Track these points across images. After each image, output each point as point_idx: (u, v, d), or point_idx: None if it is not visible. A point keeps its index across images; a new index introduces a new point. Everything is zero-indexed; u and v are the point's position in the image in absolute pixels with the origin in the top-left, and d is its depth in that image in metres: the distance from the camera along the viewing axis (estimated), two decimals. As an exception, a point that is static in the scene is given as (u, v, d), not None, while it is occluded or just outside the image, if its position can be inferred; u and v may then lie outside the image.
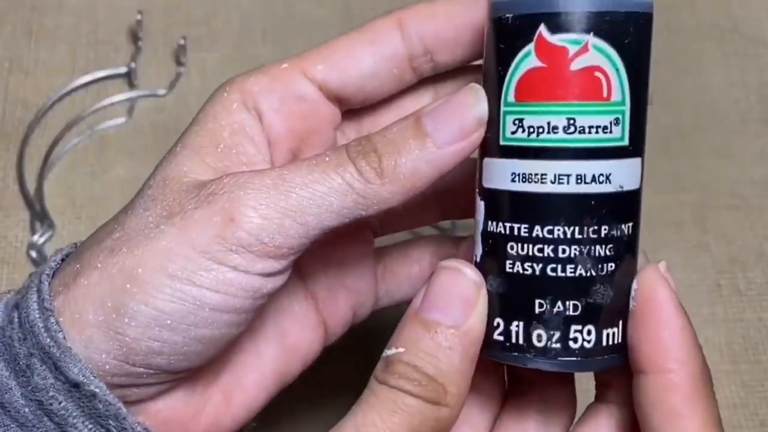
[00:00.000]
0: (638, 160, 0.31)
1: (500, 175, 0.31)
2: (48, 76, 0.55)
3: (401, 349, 0.30)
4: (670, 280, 0.32)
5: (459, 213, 0.39)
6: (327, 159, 0.31)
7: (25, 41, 0.57)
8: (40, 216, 0.51)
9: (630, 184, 0.31)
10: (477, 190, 0.32)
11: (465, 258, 0.32)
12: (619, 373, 0.32)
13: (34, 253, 0.49)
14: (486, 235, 0.32)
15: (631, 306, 0.31)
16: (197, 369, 0.32)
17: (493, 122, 0.31)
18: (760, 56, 0.58)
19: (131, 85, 0.55)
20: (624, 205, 0.31)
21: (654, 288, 0.31)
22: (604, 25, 0.30)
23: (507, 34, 0.31)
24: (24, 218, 0.51)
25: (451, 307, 0.30)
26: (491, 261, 0.31)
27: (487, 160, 0.31)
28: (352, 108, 0.35)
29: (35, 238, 0.50)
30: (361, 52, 0.33)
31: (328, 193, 0.30)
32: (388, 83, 0.34)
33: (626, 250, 0.31)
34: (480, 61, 0.33)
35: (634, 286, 0.31)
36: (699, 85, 0.57)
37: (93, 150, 0.53)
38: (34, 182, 0.52)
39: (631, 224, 0.31)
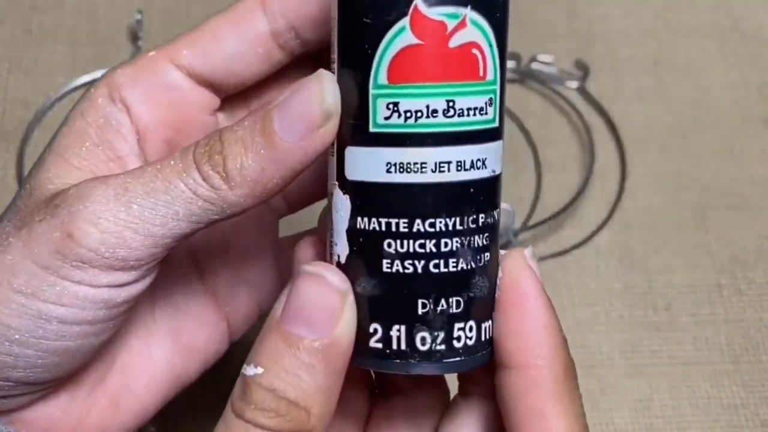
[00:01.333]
0: (502, 142, 0.29)
1: (371, 165, 0.28)
2: (48, 76, 0.55)
3: (260, 370, 0.28)
4: (535, 268, 0.30)
5: None
6: (172, 163, 0.29)
7: (24, 41, 0.57)
8: (39, 216, 0.50)
9: (499, 168, 0.29)
10: (335, 183, 0.29)
11: (319, 257, 0.30)
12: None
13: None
14: (354, 233, 0.29)
15: (496, 295, 0.29)
16: (70, 377, 0.31)
17: (358, 108, 0.28)
18: (760, 56, 0.58)
19: (131, 85, 0.55)
20: (495, 190, 0.29)
21: (518, 276, 0.29)
22: None
23: (374, 8, 0.27)
24: (24, 218, 0.51)
25: (314, 318, 0.28)
26: (362, 261, 0.29)
27: (351, 150, 0.28)
28: (229, 92, 0.33)
29: (35, 238, 0.50)
30: (224, 34, 0.32)
31: (173, 202, 0.28)
32: (256, 63, 0.32)
33: (496, 236, 0.29)
34: None
35: (500, 273, 0.30)
36: (699, 85, 0.57)
37: (93, 150, 0.53)
38: (33, 182, 0.52)
39: (498, 210, 0.29)
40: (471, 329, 0.29)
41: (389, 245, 0.28)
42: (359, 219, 0.28)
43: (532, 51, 0.57)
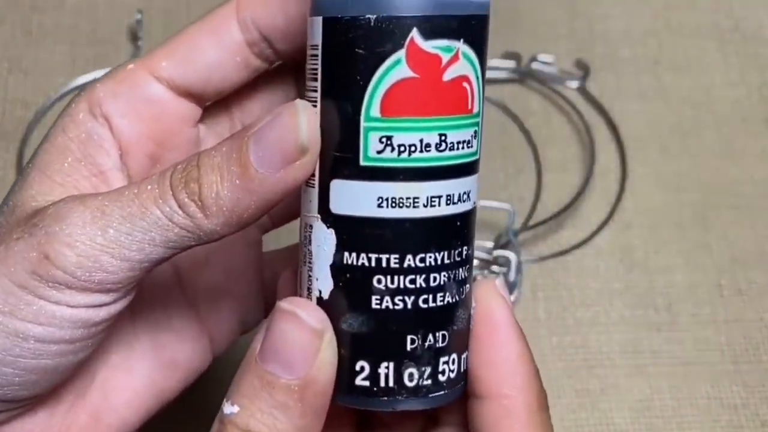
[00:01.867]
0: (479, 174, 0.29)
1: (361, 200, 0.27)
2: (47, 76, 0.55)
3: (236, 409, 0.27)
4: (506, 297, 0.30)
5: None
6: (149, 188, 0.28)
7: (24, 41, 0.57)
8: (39, 216, 0.50)
9: (477, 199, 0.29)
10: (317, 216, 0.28)
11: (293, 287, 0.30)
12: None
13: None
14: (339, 268, 0.28)
15: (471, 325, 0.30)
16: (49, 394, 0.31)
17: (346, 140, 0.27)
18: (760, 56, 0.58)
19: (131, 85, 0.55)
20: (473, 223, 0.29)
21: (490, 305, 0.29)
22: (470, 30, 0.27)
23: (369, 39, 0.26)
24: (24, 218, 0.51)
25: (290, 357, 0.27)
26: (348, 298, 0.28)
27: (337, 183, 0.28)
28: (210, 101, 0.33)
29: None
30: (202, 43, 0.31)
31: (149, 228, 0.28)
32: (235, 72, 0.32)
33: (471, 267, 0.29)
34: None
35: (473, 303, 0.30)
36: (699, 85, 0.57)
37: (93, 150, 0.53)
38: (33, 182, 0.52)
39: (474, 242, 0.29)
40: (454, 362, 0.29)
41: (379, 281, 0.28)
42: (346, 254, 0.28)
43: (532, 51, 0.57)
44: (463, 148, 0.28)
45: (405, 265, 0.28)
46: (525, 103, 0.56)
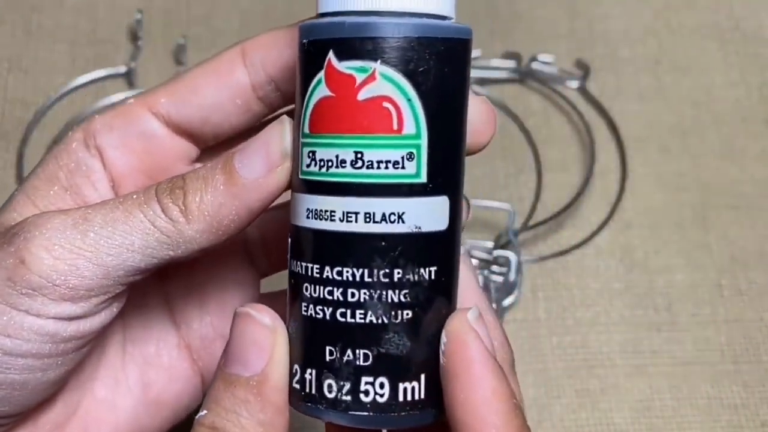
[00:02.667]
0: (442, 198, 0.29)
1: (298, 210, 0.29)
2: (47, 76, 0.55)
3: (204, 412, 0.29)
4: (480, 331, 0.29)
5: None
6: (134, 197, 0.29)
7: (24, 40, 0.57)
8: (39, 216, 0.50)
9: (431, 226, 0.28)
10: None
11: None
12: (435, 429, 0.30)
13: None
14: (290, 273, 0.30)
15: (441, 361, 0.28)
16: (25, 418, 0.31)
17: (295, 153, 0.29)
18: (760, 56, 0.58)
19: (131, 85, 0.55)
20: (422, 248, 0.28)
21: (461, 341, 0.28)
22: (393, 53, 0.28)
23: (304, 61, 0.29)
24: (23, 218, 0.51)
25: (247, 356, 0.29)
26: (290, 303, 0.29)
27: (292, 194, 0.30)
28: (208, 143, 0.34)
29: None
30: (203, 84, 0.32)
31: (129, 232, 0.29)
32: (234, 114, 0.33)
33: (430, 296, 0.29)
34: None
35: (444, 338, 0.28)
36: (699, 85, 0.57)
37: (93, 150, 0.53)
38: (33, 182, 0.52)
39: (434, 268, 0.29)
40: (382, 386, 0.28)
41: (306, 289, 0.29)
42: (293, 261, 0.29)
43: (532, 51, 0.57)
44: (387, 167, 0.28)
45: (324, 275, 0.28)
46: (525, 103, 0.56)
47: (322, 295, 0.28)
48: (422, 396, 0.29)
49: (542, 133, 0.55)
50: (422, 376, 0.29)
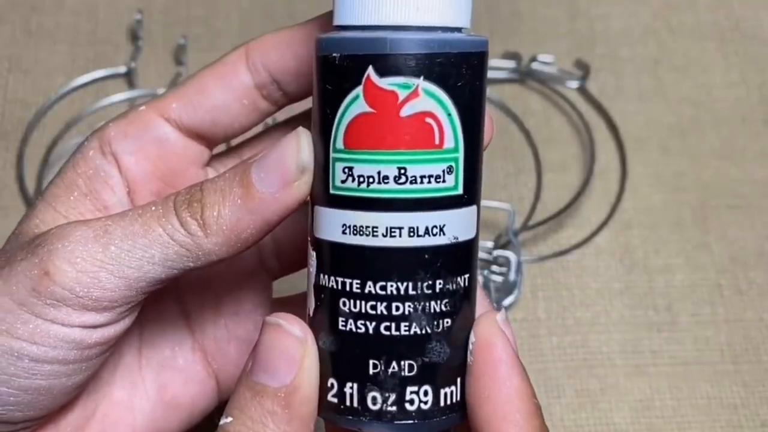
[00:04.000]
0: (473, 208, 0.29)
1: (331, 226, 0.29)
2: (47, 76, 0.55)
3: (229, 419, 0.29)
4: (508, 332, 0.30)
5: None
6: (153, 209, 0.30)
7: (24, 40, 0.57)
8: (39, 216, 0.50)
9: (465, 235, 0.29)
10: (309, 239, 0.30)
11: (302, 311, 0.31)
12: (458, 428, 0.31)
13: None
14: (318, 288, 0.29)
15: (468, 360, 0.30)
16: (47, 421, 0.32)
17: (323, 169, 0.29)
18: (760, 56, 0.58)
19: (131, 85, 0.55)
20: (459, 257, 0.29)
21: (490, 341, 0.29)
22: (435, 68, 0.28)
23: (334, 75, 0.29)
24: (24, 218, 0.51)
25: (276, 366, 0.29)
26: (323, 317, 0.29)
27: (318, 209, 0.29)
28: (219, 143, 0.34)
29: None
30: (211, 87, 0.33)
31: (150, 245, 0.29)
32: (243, 115, 0.33)
33: (463, 303, 0.29)
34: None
35: (472, 338, 0.30)
36: (699, 85, 0.57)
37: (93, 150, 0.53)
38: (33, 182, 0.52)
39: (467, 276, 0.29)
40: (426, 394, 0.29)
41: (344, 304, 0.29)
42: (322, 276, 0.29)
43: (532, 51, 0.57)
44: (430, 182, 0.28)
45: (366, 291, 0.29)
46: (525, 103, 0.56)
47: (364, 310, 0.29)
48: (458, 398, 0.30)
49: (542, 133, 0.55)
50: (458, 379, 0.30)
